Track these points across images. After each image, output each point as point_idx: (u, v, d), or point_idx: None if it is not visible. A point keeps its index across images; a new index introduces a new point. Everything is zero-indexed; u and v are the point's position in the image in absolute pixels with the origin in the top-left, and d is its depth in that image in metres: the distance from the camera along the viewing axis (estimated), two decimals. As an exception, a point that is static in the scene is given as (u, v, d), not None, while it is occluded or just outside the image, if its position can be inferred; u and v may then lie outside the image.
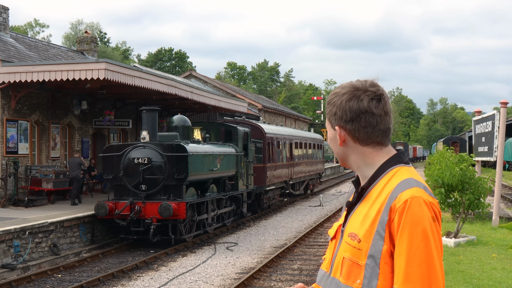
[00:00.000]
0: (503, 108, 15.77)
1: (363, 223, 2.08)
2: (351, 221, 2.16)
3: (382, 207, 2.05)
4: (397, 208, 2.00)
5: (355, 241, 2.07)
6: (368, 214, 2.09)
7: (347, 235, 2.13)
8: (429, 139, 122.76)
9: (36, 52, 22.17)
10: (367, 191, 2.16)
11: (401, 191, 2.03)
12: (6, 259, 12.48)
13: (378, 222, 2.04)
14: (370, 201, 2.13)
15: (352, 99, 2.16)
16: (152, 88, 19.39)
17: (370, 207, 2.10)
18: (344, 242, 2.13)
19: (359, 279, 2.04)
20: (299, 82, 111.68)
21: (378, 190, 2.12)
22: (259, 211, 22.88)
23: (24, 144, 18.93)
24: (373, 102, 2.14)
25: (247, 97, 40.37)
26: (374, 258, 2.02)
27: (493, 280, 9.05)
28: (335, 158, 65.62)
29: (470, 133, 43.54)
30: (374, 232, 2.04)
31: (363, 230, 2.07)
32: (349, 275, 2.08)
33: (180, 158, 15.16)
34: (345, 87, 2.21)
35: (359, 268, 2.05)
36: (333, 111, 2.19)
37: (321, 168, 35.24)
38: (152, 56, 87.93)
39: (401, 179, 2.09)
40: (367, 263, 2.03)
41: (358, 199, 2.18)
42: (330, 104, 2.22)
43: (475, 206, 13.34)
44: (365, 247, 2.04)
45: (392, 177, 2.13)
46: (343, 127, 2.17)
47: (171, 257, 14.48)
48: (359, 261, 2.05)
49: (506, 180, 35.80)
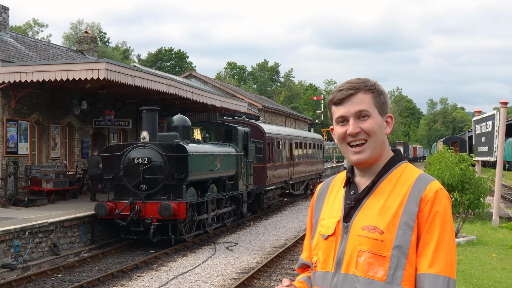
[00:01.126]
0: (503, 108, 15.77)
1: (382, 215, 2.10)
2: (362, 215, 2.14)
3: (405, 199, 2.10)
4: (428, 198, 2.08)
5: (376, 233, 2.08)
6: (385, 207, 2.11)
7: (359, 228, 2.12)
8: (429, 139, 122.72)
9: (36, 52, 22.17)
10: (376, 185, 2.17)
11: (427, 183, 2.12)
12: (6, 259, 12.48)
13: (404, 213, 2.08)
14: (383, 194, 2.14)
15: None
16: (152, 88, 19.39)
17: (386, 199, 2.12)
18: (356, 236, 2.12)
19: (383, 270, 2.05)
20: (299, 82, 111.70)
21: (391, 183, 2.15)
22: (259, 211, 22.87)
23: (24, 144, 18.93)
24: None
25: (247, 97, 40.36)
26: (401, 249, 2.05)
27: (493, 280, 9.05)
28: (335, 158, 65.60)
29: (470, 133, 43.54)
30: (399, 223, 2.07)
31: (385, 222, 2.08)
32: (369, 268, 2.07)
33: (180, 158, 15.16)
34: (371, 79, 2.26)
35: (383, 260, 2.06)
36: (386, 100, 2.23)
37: (321, 168, 35.25)
38: (152, 56, 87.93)
39: (417, 174, 2.17)
40: (393, 254, 2.05)
41: (366, 193, 2.17)
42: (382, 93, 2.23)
43: (475, 206, 13.34)
44: (389, 238, 2.06)
45: (403, 171, 2.18)
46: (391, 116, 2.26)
47: (171, 257, 14.48)
48: (383, 253, 2.06)
49: (506, 180, 35.81)
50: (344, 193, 2.26)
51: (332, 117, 2.27)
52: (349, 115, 2.18)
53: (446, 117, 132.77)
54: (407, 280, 2.05)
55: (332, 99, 2.24)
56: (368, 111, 2.17)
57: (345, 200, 2.23)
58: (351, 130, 2.16)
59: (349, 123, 2.18)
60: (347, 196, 2.24)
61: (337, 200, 2.27)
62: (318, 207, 2.36)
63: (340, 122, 2.22)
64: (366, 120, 2.17)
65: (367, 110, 2.17)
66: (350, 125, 2.18)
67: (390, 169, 2.19)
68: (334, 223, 2.21)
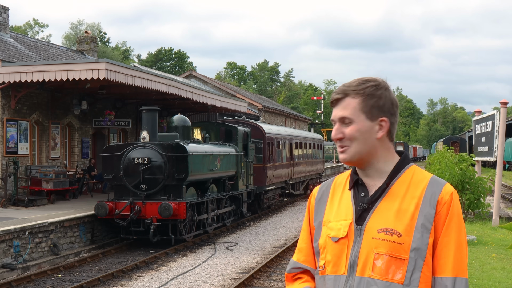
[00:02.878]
0: (503, 108, 15.76)
1: (399, 218, 2.10)
2: (377, 217, 2.13)
3: (420, 201, 2.11)
4: (445, 201, 2.11)
5: (394, 235, 2.08)
6: (401, 209, 2.11)
7: (374, 231, 2.11)
8: (429, 139, 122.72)
9: (36, 52, 22.17)
10: (388, 187, 2.17)
11: (442, 185, 2.15)
12: (6, 259, 12.48)
13: (421, 216, 2.10)
14: (396, 196, 2.14)
15: (392, 94, 2.22)
16: (152, 88, 19.38)
17: (401, 202, 2.13)
18: (371, 238, 2.10)
19: (401, 273, 2.06)
20: (299, 82, 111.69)
21: (404, 186, 2.16)
22: (259, 211, 22.87)
23: (24, 144, 18.93)
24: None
25: (247, 97, 40.36)
26: (419, 251, 2.07)
27: (493, 280, 9.05)
28: (335, 158, 65.59)
29: (470, 133, 43.55)
30: (416, 225, 2.09)
31: (403, 224, 2.09)
32: (387, 271, 2.07)
33: (180, 158, 15.16)
34: (377, 80, 2.21)
35: (401, 262, 2.07)
36: (381, 103, 2.17)
37: (321, 168, 35.24)
38: (152, 56, 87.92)
39: (428, 176, 2.19)
40: (411, 257, 2.07)
41: (379, 195, 2.16)
42: (374, 96, 2.17)
43: (475, 206, 13.37)
44: (407, 241, 2.07)
45: (413, 174, 2.19)
46: (388, 120, 2.20)
47: (171, 257, 14.48)
48: (401, 255, 2.07)
49: (506, 180, 35.80)
50: (352, 195, 2.22)
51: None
52: (335, 119, 2.22)
53: (446, 117, 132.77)
54: (424, 282, 2.07)
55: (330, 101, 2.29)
56: (349, 118, 2.17)
57: (355, 202, 2.20)
58: (333, 135, 2.22)
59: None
60: (357, 198, 2.20)
61: (343, 202, 2.23)
62: (319, 209, 2.32)
63: (333, 124, 2.26)
64: (348, 125, 2.17)
65: (348, 117, 2.17)
66: (333, 130, 2.24)
67: (400, 171, 2.19)
68: (346, 226, 2.17)
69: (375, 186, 2.19)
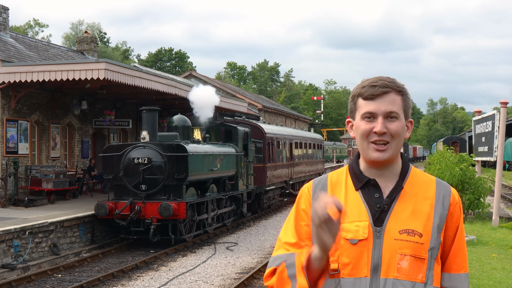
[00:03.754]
0: (503, 108, 15.76)
1: (417, 218, 2.15)
2: (395, 218, 2.14)
3: (433, 202, 2.18)
4: (456, 202, 2.21)
5: (416, 236, 2.13)
6: (416, 210, 2.16)
7: (395, 232, 2.12)
8: (429, 139, 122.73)
9: (36, 52, 22.17)
10: (402, 188, 2.20)
11: (449, 187, 2.24)
12: (6, 259, 12.48)
13: (436, 216, 2.16)
14: (410, 197, 2.18)
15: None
16: (152, 88, 19.38)
17: (415, 202, 2.17)
18: (393, 240, 2.11)
19: (422, 272, 2.13)
20: (299, 82, 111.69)
21: (414, 186, 2.20)
22: (259, 211, 22.87)
23: (24, 144, 18.93)
24: None
25: (247, 97, 40.35)
26: (433, 250, 2.15)
27: (493, 280, 9.05)
28: (335, 158, 65.60)
29: (470, 133, 43.53)
30: (432, 226, 2.15)
31: (421, 225, 2.14)
32: (412, 271, 2.12)
33: (180, 158, 15.16)
34: (395, 79, 2.25)
35: (422, 262, 2.13)
36: (410, 104, 2.23)
37: (321, 168, 35.25)
38: (152, 56, 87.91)
39: (432, 177, 2.27)
40: (429, 256, 2.14)
41: (394, 196, 2.18)
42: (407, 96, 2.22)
43: (475, 206, 13.37)
44: (426, 241, 2.14)
45: (417, 175, 2.25)
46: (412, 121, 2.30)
47: (171, 257, 14.48)
48: (422, 255, 2.13)
49: (506, 180, 35.79)
50: (363, 196, 2.18)
51: (356, 110, 2.20)
52: (379, 113, 2.14)
53: (446, 117, 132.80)
54: (436, 279, 2.17)
55: (363, 93, 2.17)
56: (397, 113, 2.15)
57: (368, 203, 2.16)
58: (379, 129, 2.12)
59: (376, 121, 2.14)
60: (370, 199, 2.17)
61: (352, 203, 2.18)
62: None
63: (366, 118, 2.16)
64: (394, 121, 2.15)
65: (396, 112, 2.15)
66: (378, 124, 2.13)
67: (408, 172, 2.22)
68: (365, 227, 2.13)
69: (387, 187, 2.18)
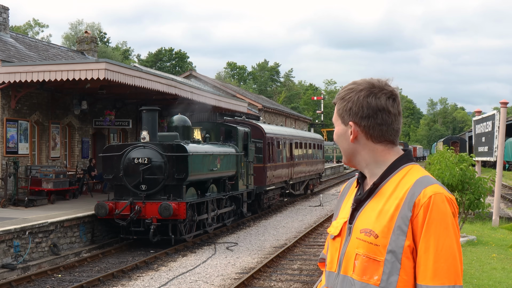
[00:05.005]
0: (503, 108, 15.77)
1: (379, 219, 2.07)
2: (362, 217, 2.13)
3: (401, 202, 2.05)
4: (422, 204, 2.02)
5: (371, 237, 2.06)
6: (383, 210, 2.08)
7: (358, 231, 2.11)
8: (429, 139, 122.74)
9: (36, 52, 22.17)
10: (378, 188, 2.15)
11: (423, 187, 2.05)
12: (6, 259, 12.48)
13: (399, 217, 2.04)
14: (383, 197, 2.12)
15: (370, 96, 2.16)
16: (152, 88, 19.38)
17: (385, 203, 2.09)
18: (355, 238, 2.11)
19: (377, 275, 2.03)
20: (299, 82, 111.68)
21: (392, 186, 2.12)
22: (259, 211, 22.87)
23: (24, 144, 18.93)
24: (389, 100, 2.19)
25: (247, 97, 40.35)
26: (395, 254, 2.02)
27: (493, 280, 9.05)
28: (335, 158, 65.59)
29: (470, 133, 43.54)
30: (393, 227, 2.03)
31: (380, 225, 2.06)
32: (364, 271, 2.06)
33: (180, 158, 15.16)
34: (361, 83, 2.19)
35: (377, 264, 2.04)
36: (348, 107, 2.18)
37: (321, 168, 35.24)
38: (152, 56, 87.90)
39: (417, 177, 2.11)
40: (387, 259, 2.02)
41: (368, 195, 2.16)
42: (344, 100, 2.20)
43: (475, 206, 13.34)
44: (384, 243, 2.03)
45: (406, 174, 2.15)
46: (358, 123, 2.17)
47: (171, 257, 14.48)
48: (377, 257, 2.04)
49: (506, 180, 35.81)
50: (355, 194, 2.27)
51: None
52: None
53: (446, 117, 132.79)
54: (402, 286, 2.01)
55: None
56: (334, 121, 2.28)
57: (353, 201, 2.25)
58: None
59: None
60: (355, 197, 2.26)
61: (349, 201, 2.28)
62: (338, 206, 2.37)
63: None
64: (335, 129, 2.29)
65: (333, 121, 2.29)
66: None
67: (393, 172, 2.16)
68: (341, 224, 2.21)
69: (369, 186, 2.20)
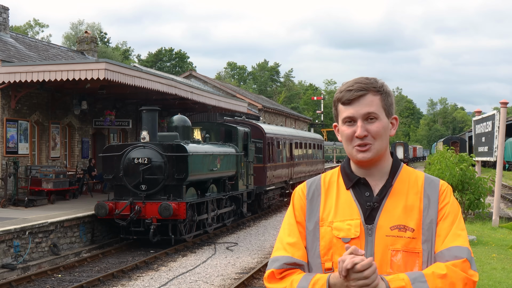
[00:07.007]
0: (503, 108, 15.76)
1: (408, 213, 2.18)
2: (386, 215, 2.17)
3: (422, 196, 2.21)
4: (444, 189, 2.24)
5: (408, 231, 2.16)
6: (408, 205, 2.19)
7: (386, 229, 2.16)
8: (429, 139, 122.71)
9: (36, 52, 22.17)
10: (391, 185, 2.23)
11: (437, 179, 2.29)
12: (6, 259, 12.48)
13: (425, 210, 2.19)
14: (400, 193, 2.22)
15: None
16: (152, 88, 19.38)
17: (405, 198, 2.21)
18: (385, 236, 2.15)
19: (417, 265, 2.15)
20: (299, 82, 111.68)
21: (405, 183, 2.24)
22: (259, 211, 22.87)
23: (24, 144, 18.93)
24: None
25: (247, 97, 40.36)
26: (429, 243, 2.17)
27: (493, 280, 9.05)
28: (335, 158, 65.59)
29: (470, 133, 43.53)
30: (422, 219, 2.18)
31: (413, 219, 2.18)
32: (405, 266, 2.14)
33: (180, 158, 15.16)
34: (379, 80, 2.25)
35: (416, 256, 2.16)
36: (391, 101, 2.24)
37: (321, 168, 35.24)
38: (152, 56, 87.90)
39: (419, 173, 2.31)
40: (424, 249, 2.16)
41: (385, 194, 2.21)
42: (389, 94, 2.24)
43: (475, 206, 13.38)
44: (418, 235, 2.16)
45: (408, 172, 2.28)
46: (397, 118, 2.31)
47: (171, 257, 14.48)
48: (416, 249, 2.16)
49: (506, 180, 35.80)
50: (354, 195, 2.22)
51: (338, 115, 2.24)
52: (357, 116, 2.17)
53: (446, 117, 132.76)
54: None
55: (341, 98, 2.21)
56: (376, 113, 2.17)
57: (359, 201, 2.21)
58: (359, 133, 2.16)
59: (356, 125, 2.17)
60: (361, 197, 2.21)
61: (343, 202, 2.22)
62: (313, 209, 2.27)
63: (347, 122, 2.20)
64: (373, 122, 2.17)
65: (375, 113, 2.17)
66: (358, 127, 2.16)
67: (398, 170, 2.26)
68: (357, 225, 2.17)
69: (378, 185, 2.22)
